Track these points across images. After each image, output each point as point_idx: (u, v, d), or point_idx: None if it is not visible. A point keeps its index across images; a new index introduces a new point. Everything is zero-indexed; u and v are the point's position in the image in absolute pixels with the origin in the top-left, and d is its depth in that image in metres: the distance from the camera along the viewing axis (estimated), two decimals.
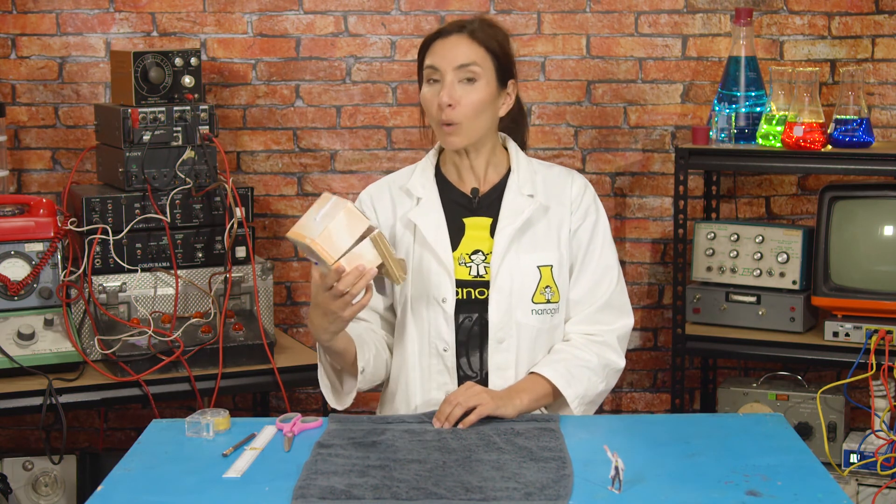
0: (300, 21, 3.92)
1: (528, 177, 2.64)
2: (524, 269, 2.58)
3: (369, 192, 2.71)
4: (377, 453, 2.26)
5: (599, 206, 2.68)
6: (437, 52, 2.56)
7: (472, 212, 2.63)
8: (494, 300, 2.57)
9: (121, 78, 3.49)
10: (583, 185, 2.66)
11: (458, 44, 2.56)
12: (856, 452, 3.53)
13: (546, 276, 2.60)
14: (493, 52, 2.58)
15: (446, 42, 2.56)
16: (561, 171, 2.70)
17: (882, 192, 3.58)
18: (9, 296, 3.26)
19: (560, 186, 2.65)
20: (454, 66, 2.53)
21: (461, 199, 2.64)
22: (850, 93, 3.52)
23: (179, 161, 3.41)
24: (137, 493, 2.12)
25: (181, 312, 3.37)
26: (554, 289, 2.61)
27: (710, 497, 2.06)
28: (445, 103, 2.52)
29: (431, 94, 2.56)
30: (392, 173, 2.75)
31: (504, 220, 2.59)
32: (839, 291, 3.56)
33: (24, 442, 3.96)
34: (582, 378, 2.57)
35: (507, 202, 2.61)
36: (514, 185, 2.63)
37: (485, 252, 2.59)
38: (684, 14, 3.93)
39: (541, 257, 2.60)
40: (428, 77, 2.57)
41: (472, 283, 2.59)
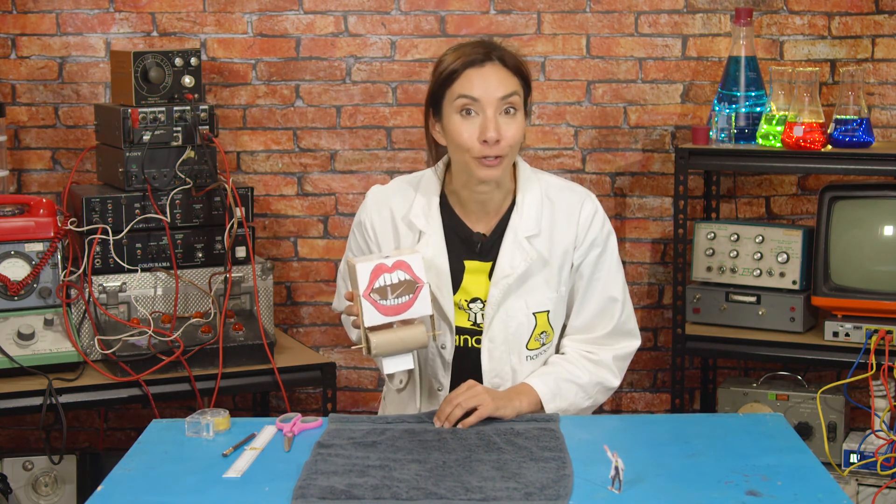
0: (300, 21, 3.92)
1: (533, 212, 2.55)
2: (519, 318, 2.55)
3: (370, 218, 2.62)
4: (377, 453, 2.26)
5: (609, 233, 2.60)
6: (475, 83, 2.44)
7: (474, 254, 2.57)
8: (487, 350, 2.55)
9: (121, 78, 3.49)
10: (591, 214, 2.57)
11: (494, 72, 2.46)
12: (856, 452, 3.53)
13: (542, 321, 2.57)
14: (524, 79, 2.52)
15: (482, 71, 2.45)
16: (570, 197, 2.59)
17: (882, 192, 3.58)
18: (9, 296, 3.26)
19: (567, 215, 2.57)
20: (497, 96, 2.44)
21: (465, 237, 2.57)
22: (850, 93, 3.52)
23: (179, 161, 3.41)
24: (137, 493, 2.12)
25: (181, 312, 3.37)
26: (549, 331, 2.59)
27: (710, 497, 2.06)
28: (493, 139, 2.42)
29: (469, 127, 2.44)
30: (392, 188, 2.64)
31: (500, 271, 2.53)
32: (839, 291, 3.56)
33: (24, 442, 3.96)
34: (568, 394, 2.55)
35: (504, 251, 2.54)
36: (514, 227, 2.54)
37: (483, 299, 2.56)
38: (684, 14, 3.93)
39: (538, 302, 2.55)
40: (462, 107, 2.45)
41: (469, 330, 2.57)
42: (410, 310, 2.38)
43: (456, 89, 2.45)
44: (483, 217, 2.57)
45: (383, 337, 2.38)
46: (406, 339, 2.39)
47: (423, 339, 2.40)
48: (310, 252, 4.01)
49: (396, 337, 2.39)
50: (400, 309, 2.37)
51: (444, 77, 2.47)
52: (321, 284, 4.00)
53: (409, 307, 2.37)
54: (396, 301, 2.36)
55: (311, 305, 4.03)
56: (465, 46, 2.50)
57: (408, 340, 2.39)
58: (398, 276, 2.36)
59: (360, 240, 2.65)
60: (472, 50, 2.48)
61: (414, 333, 2.39)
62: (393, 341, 2.39)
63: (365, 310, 2.35)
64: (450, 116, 2.47)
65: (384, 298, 2.36)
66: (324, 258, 4.00)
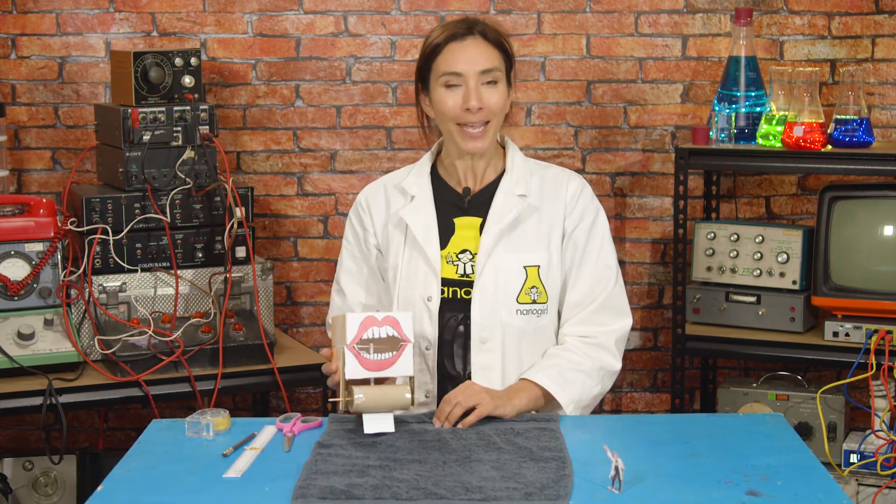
0: (300, 21, 3.92)
1: (523, 177, 2.64)
2: (509, 269, 2.58)
3: (365, 194, 2.73)
4: (377, 453, 2.26)
5: (598, 207, 2.67)
6: (458, 57, 2.55)
7: (463, 211, 2.64)
8: (477, 299, 2.57)
9: (121, 78, 3.49)
10: (579, 186, 2.65)
11: (475, 46, 2.56)
12: (856, 452, 3.53)
13: (532, 276, 2.59)
14: (506, 53, 2.60)
15: (464, 45, 2.56)
16: (558, 171, 2.69)
17: (882, 192, 3.58)
18: (9, 296, 3.26)
19: (555, 187, 2.65)
20: (478, 70, 2.54)
21: (454, 199, 2.65)
22: (850, 93, 3.53)
23: (179, 161, 3.41)
24: (137, 493, 2.12)
25: (181, 312, 3.37)
26: (541, 289, 2.60)
27: (710, 497, 2.06)
28: (476, 107, 2.53)
29: (452, 97, 2.55)
30: (391, 172, 2.77)
31: (492, 218, 2.60)
32: (839, 291, 3.56)
33: (24, 442, 3.96)
34: (576, 382, 2.56)
35: (496, 202, 2.62)
36: (506, 185, 2.63)
37: (472, 251, 2.60)
38: (684, 14, 3.93)
39: (528, 257, 2.59)
40: (446, 82, 2.56)
41: (458, 282, 2.60)
42: (392, 367, 2.35)
43: (440, 64, 2.56)
44: (472, 183, 2.66)
45: (368, 391, 2.33)
46: (389, 395, 2.34)
47: (406, 400, 2.35)
48: (310, 252, 4.01)
49: (381, 392, 2.34)
50: (383, 365, 2.34)
51: (429, 51, 2.58)
52: (321, 284, 4.00)
53: (392, 364, 2.35)
54: (379, 357, 2.34)
55: (311, 305, 4.03)
56: (451, 23, 2.61)
57: (391, 397, 2.34)
58: (386, 332, 2.34)
59: (354, 218, 2.72)
60: (455, 25, 2.58)
61: (397, 392, 2.35)
62: (377, 396, 2.34)
63: (348, 361, 2.32)
64: (436, 90, 2.57)
65: (367, 353, 2.33)
66: (324, 258, 4.00)
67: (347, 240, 2.75)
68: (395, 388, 2.36)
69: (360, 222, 2.72)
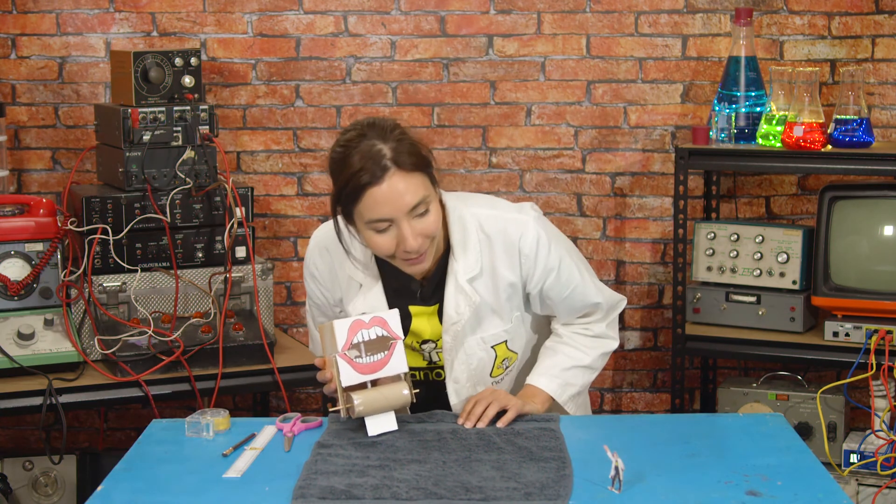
0: (300, 21, 3.92)
1: (471, 253, 2.48)
2: (479, 355, 2.54)
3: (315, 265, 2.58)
4: (377, 453, 2.26)
5: (551, 245, 2.52)
6: (381, 203, 2.30)
7: (417, 299, 2.53)
8: (453, 389, 2.56)
9: (121, 78, 3.49)
10: (533, 240, 2.49)
11: (397, 185, 2.30)
12: (856, 452, 3.53)
13: (501, 351, 2.57)
14: (425, 170, 2.36)
15: (383, 189, 2.29)
16: (506, 226, 2.50)
17: (882, 192, 3.58)
18: (9, 296, 3.26)
19: (507, 248, 2.50)
20: (406, 210, 2.32)
21: (405, 284, 2.52)
22: (850, 93, 3.52)
23: (179, 161, 3.40)
24: (137, 493, 2.12)
25: (181, 312, 3.37)
26: (511, 356, 2.59)
27: (710, 497, 2.06)
28: (414, 248, 2.34)
29: (387, 240, 2.34)
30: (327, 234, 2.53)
31: (448, 318, 2.50)
32: (839, 291, 3.56)
33: (24, 442, 3.95)
34: (575, 380, 2.59)
35: (448, 297, 2.49)
36: (454, 273, 2.48)
37: (434, 340, 2.55)
38: (684, 14, 3.93)
39: (493, 336, 2.55)
40: (375, 228, 2.34)
41: (426, 368, 2.59)
42: (386, 367, 2.35)
43: (363, 212, 2.33)
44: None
45: (366, 395, 2.33)
46: (388, 395, 2.35)
47: (405, 397, 2.36)
48: None
49: (380, 394, 2.34)
50: (376, 367, 2.34)
51: (347, 195, 2.33)
52: None
53: (385, 364, 2.35)
54: (371, 359, 2.34)
55: None
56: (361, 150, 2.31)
57: (391, 398, 2.35)
58: (375, 332, 2.34)
59: (313, 284, 2.61)
60: (367, 158, 2.30)
61: (395, 390, 2.35)
62: (377, 399, 2.34)
63: (341, 369, 2.32)
64: (363, 230, 2.37)
65: (360, 357, 2.33)
66: None
67: (311, 297, 2.64)
68: (393, 388, 2.36)
69: (318, 291, 2.60)
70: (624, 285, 4.03)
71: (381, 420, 2.36)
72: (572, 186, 3.98)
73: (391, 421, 2.36)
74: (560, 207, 3.98)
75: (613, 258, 4.02)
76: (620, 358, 4.07)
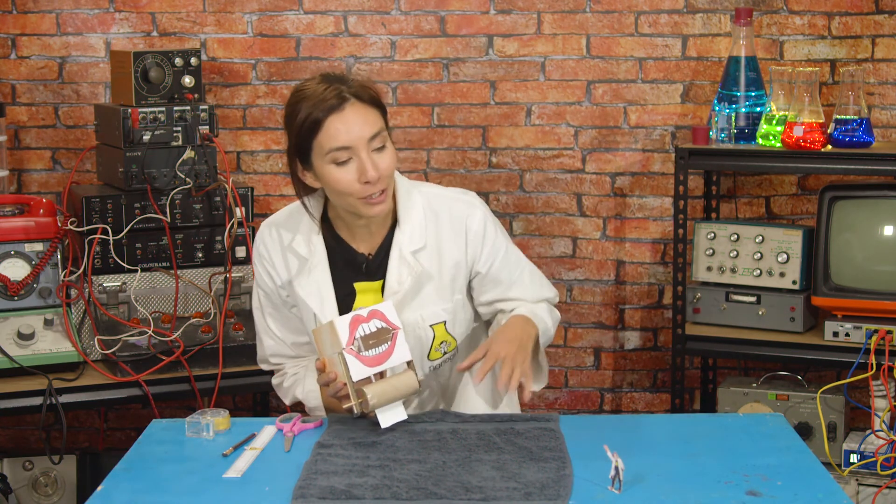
0: (300, 21, 3.92)
1: (417, 226, 2.52)
2: (416, 333, 2.54)
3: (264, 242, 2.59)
4: (377, 453, 2.26)
5: (497, 230, 2.59)
6: (341, 130, 2.37)
7: (363, 274, 2.54)
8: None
9: (121, 78, 3.49)
10: (481, 221, 2.55)
11: (357, 114, 2.39)
12: (856, 452, 3.53)
13: (440, 332, 2.57)
14: (381, 109, 2.45)
15: (344, 116, 2.38)
16: (453, 205, 2.56)
17: (882, 192, 3.58)
18: (9, 296, 3.26)
19: (454, 226, 2.54)
20: (366, 138, 2.39)
21: (352, 260, 2.54)
22: (850, 93, 3.52)
23: (179, 161, 3.41)
24: (137, 493, 2.12)
25: (181, 312, 3.38)
26: (450, 339, 2.59)
27: (710, 497, 2.06)
28: (375, 177, 2.38)
29: (347, 173, 2.39)
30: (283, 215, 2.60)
31: (389, 288, 2.51)
32: (839, 291, 3.56)
33: (24, 442, 3.96)
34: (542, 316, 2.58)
35: (391, 270, 2.51)
36: (398, 244, 2.51)
37: None
38: (684, 14, 3.93)
39: (432, 314, 2.55)
40: (335, 159, 2.38)
41: None
42: (391, 357, 2.35)
43: (323, 142, 2.38)
44: (367, 237, 2.54)
45: (378, 388, 2.33)
46: (398, 385, 2.35)
47: (415, 384, 2.36)
48: None
49: (389, 385, 2.35)
50: (381, 358, 2.35)
51: (307, 129, 2.39)
52: None
53: (390, 355, 2.35)
54: (375, 351, 2.34)
55: None
56: (317, 89, 2.40)
57: (400, 387, 2.35)
58: (375, 325, 2.34)
59: (260, 267, 2.60)
60: (326, 93, 2.39)
61: (404, 379, 2.36)
62: (387, 390, 2.34)
63: (350, 364, 2.32)
64: (322, 167, 2.41)
65: (363, 350, 2.33)
66: None
67: (258, 285, 2.63)
68: (401, 377, 2.37)
69: (266, 272, 2.59)
70: (624, 285, 4.03)
71: (391, 411, 2.37)
72: (572, 186, 3.98)
73: (400, 411, 2.37)
74: (560, 207, 3.98)
75: (613, 258, 4.02)
76: (620, 358, 4.08)
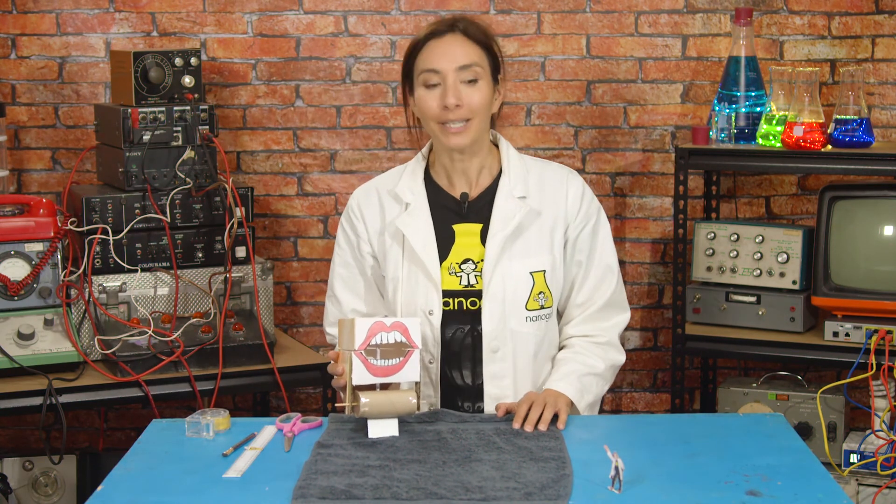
0: (300, 21, 3.92)
1: (521, 178, 2.59)
2: (517, 277, 2.54)
3: (357, 198, 2.67)
4: (377, 453, 2.26)
5: (599, 207, 2.65)
6: (435, 54, 2.50)
7: (462, 217, 2.58)
8: (488, 310, 2.53)
9: (121, 78, 3.49)
10: (580, 188, 2.61)
11: (454, 43, 2.51)
12: (856, 452, 3.53)
13: (539, 281, 2.57)
14: (489, 49, 2.54)
15: (442, 42, 2.51)
16: (557, 170, 2.64)
17: (882, 192, 3.58)
18: (9, 296, 3.26)
19: (556, 188, 2.61)
20: (456, 66, 2.49)
21: (451, 205, 2.60)
22: (850, 93, 3.53)
23: (179, 161, 3.41)
24: (137, 493, 2.12)
25: (181, 312, 3.38)
26: (547, 294, 2.58)
27: (710, 497, 2.06)
28: (454, 104, 2.47)
29: (432, 97, 2.50)
30: (380, 175, 2.70)
31: (495, 226, 2.54)
32: (839, 291, 3.56)
33: (24, 442, 3.96)
34: (592, 387, 2.57)
35: (497, 207, 2.56)
36: (504, 188, 2.57)
37: (475, 260, 2.55)
38: (684, 14, 3.93)
39: (534, 263, 2.56)
40: (425, 81, 2.51)
41: (463, 293, 2.56)
42: (399, 373, 2.35)
43: (419, 63, 2.52)
44: (465, 185, 2.61)
45: (374, 397, 2.33)
46: (395, 402, 2.35)
47: (412, 405, 2.36)
48: (310, 252, 4.01)
49: (386, 399, 2.34)
50: (389, 371, 2.34)
51: (410, 51, 2.54)
52: (321, 284, 4.00)
53: (398, 370, 2.35)
54: (386, 363, 2.34)
55: (311, 305, 4.03)
56: (436, 21, 2.56)
57: (397, 404, 2.35)
58: (394, 337, 2.34)
59: (348, 225, 2.66)
60: (438, 23, 2.54)
61: (402, 398, 2.35)
62: (382, 403, 2.34)
63: (355, 367, 2.32)
64: (417, 89, 2.53)
65: (374, 358, 2.33)
66: (324, 258, 3.99)
67: (340, 246, 2.69)
68: (401, 395, 2.35)
69: (353, 229, 2.66)
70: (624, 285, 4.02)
71: (383, 424, 2.36)
72: None
73: (393, 426, 2.36)
74: None
75: None
76: None
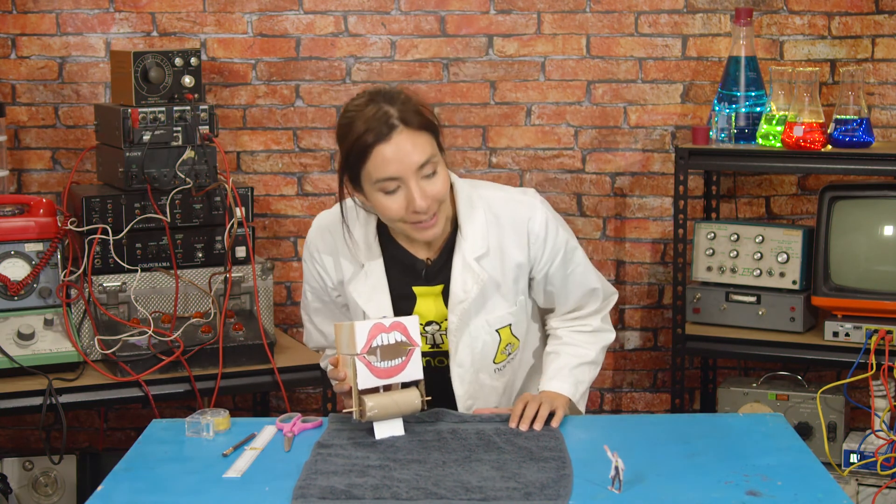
0: (300, 21, 3.92)
1: (479, 233, 2.47)
2: (483, 338, 2.53)
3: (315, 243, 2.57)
4: (377, 453, 2.26)
5: (566, 237, 2.55)
6: (389, 161, 2.31)
7: (422, 279, 2.52)
8: (457, 374, 2.54)
9: (121, 78, 3.49)
10: (543, 225, 2.50)
11: (405, 143, 2.32)
12: (856, 452, 3.53)
13: (505, 335, 2.56)
14: (432, 131, 2.38)
15: (391, 146, 2.31)
16: (516, 208, 2.51)
17: (882, 192, 3.58)
18: (9, 296, 3.26)
19: (516, 228, 2.50)
20: (414, 168, 2.32)
21: (409, 263, 2.51)
22: (850, 93, 3.52)
23: (179, 161, 3.41)
24: (137, 493, 2.12)
25: (181, 312, 3.37)
26: (514, 341, 2.58)
27: (710, 497, 2.06)
28: (424, 207, 2.33)
29: (395, 201, 2.34)
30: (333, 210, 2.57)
31: (455, 297, 2.48)
32: (839, 291, 3.56)
33: (24, 442, 3.96)
34: (584, 377, 2.58)
35: (455, 278, 2.48)
36: (463, 250, 2.47)
37: (438, 321, 2.53)
38: (684, 14, 3.93)
39: (498, 319, 2.53)
40: (383, 189, 2.34)
41: (429, 353, 2.56)
42: (402, 373, 2.34)
43: (371, 172, 2.33)
44: (426, 243, 2.50)
45: (379, 400, 2.32)
46: (400, 402, 2.34)
47: (417, 404, 2.36)
48: None
49: (391, 400, 2.34)
50: (392, 372, 2.34)
51: (355, 156, 2.35)
52: None
53: (402, 370, 2.34)
54: (389, 364, 2.33)
55: None
56: (366, 112, 2.34)
57: (402, 404, 2.35)
58: (394, 337, 2.33)
59: (312, 267, 2.59)
60: (373, 119, 2.32)
61: (408, 397, 2.35)
62: (389, 405, 2.33)
63: (359, 371, 2.31)
64: (372, 193, 2.37)
65: (377, 360, 2.33)
66: None
67: (308, 282, 2.62)
68: (406, 395, 2.35)
69: (317, 272, 2.58)
70: (624, 285, 4.03)
71: (389, 425, 2.36)
72: (572, 186, 3.98)
73: (399, 426, 2.37)
74: (560, 207, 3.98)
75: (613, 258, 4.02)
76: (620, 358, 4.08)
